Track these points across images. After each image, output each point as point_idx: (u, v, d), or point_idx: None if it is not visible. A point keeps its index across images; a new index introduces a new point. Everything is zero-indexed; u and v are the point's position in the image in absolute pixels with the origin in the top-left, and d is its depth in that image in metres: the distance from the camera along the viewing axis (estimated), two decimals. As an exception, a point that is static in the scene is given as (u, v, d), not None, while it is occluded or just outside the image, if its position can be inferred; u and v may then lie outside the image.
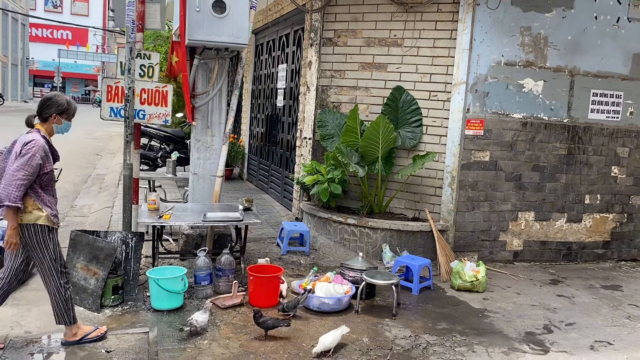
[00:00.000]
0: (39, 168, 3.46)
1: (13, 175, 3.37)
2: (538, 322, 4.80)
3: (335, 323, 4.46)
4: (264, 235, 6.79)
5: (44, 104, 3.63)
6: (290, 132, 8.43)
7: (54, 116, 3.65)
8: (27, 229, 3.54)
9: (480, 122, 6.20)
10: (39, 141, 3.50)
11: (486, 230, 6.43)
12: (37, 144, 3.46)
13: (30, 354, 3.70)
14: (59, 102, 3.66)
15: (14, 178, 3.36)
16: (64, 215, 7.57)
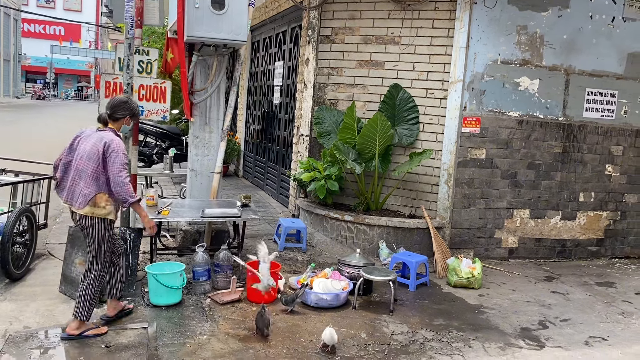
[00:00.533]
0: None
1: (118, 177, 3.69)
2: (533, 318, 4.85)
3: (333, 319, 4.49)
4: (261, 231, 6.81)
5: (119, 106, 3.87)
6: (286, 129, 8.45)
7: (127, 118, 3.94)
8: (97, 222, 3.80)
9: (476, 120, 6.25)
10: (121, 141, 3.84)
11: (482, 227, 6.48)
12: (122, 144, 3.82)
13: (30, 348, 3.70)
14: (132, 106, 3.98)
15: (122, 180, 3.70)
16: (60, 211, 7.55)
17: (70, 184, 3.76)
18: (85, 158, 3.72)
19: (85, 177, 3.71)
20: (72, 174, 3.76)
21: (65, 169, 3.82)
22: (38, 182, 5.53)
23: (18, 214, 4.75)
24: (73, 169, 3.76)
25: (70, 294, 4.55)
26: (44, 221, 5.65)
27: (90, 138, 3.79)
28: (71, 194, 3.76)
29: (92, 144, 3.73)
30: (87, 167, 3.70)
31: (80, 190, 3.72)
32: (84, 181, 3.72)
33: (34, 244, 5.13)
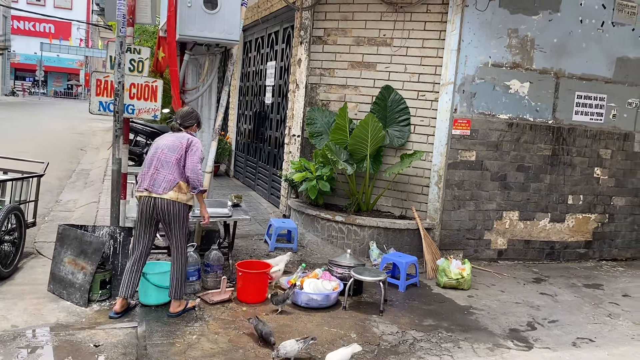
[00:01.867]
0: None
1: (196, 166, 4.21)
2: (522, 319, 4.89)
3: (323, 319, 4.50)
4: (252, 231, 6.81)
5: (188, 116, 4.44)
6: (278, 129, 8.45)
7: (195, 126, 4.50)
8: (181, 207, 4.23)
9: (467, 122, 6.29)
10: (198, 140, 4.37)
11: (471, 229, 6.52)
12: (200, 143, 4.35)
13: (18, 347, 3.67)
14: (198, 116, 4.56)
15: (197, 169, 4.23)
16: (48, 209, 7.51)
17: (152, 172, 4.18)
18: (167, 150, 4.21)
19: (167, 166, 4.17)
20: (155, 164, 4.20)
21: (149, 164, 4.23)
22: (27, 181, 5.49)
23: (6, 212, 4.71)
24: (155, 161, 4.21)
25: (59, 293, 4.53)
26: (33, 219, 5.60)
27: (170, 136, 4.33)
28: (153, 181, 4.16)
29: (174, 140, 4.27)
30: (169, 157, 4.19)
31: (164, 177, 4.16)
32: (166, 169, 4.17)
33: (22, 242, 5.09)
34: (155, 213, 4.24)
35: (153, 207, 4.21)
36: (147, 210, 4.23)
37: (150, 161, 4.27)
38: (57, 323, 4.08)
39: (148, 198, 4.21)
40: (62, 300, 4.48)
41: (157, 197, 4.18)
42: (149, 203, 4.21)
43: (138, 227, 4.33)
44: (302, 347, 3.64)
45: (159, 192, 4.16)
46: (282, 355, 3.59)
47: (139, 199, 4.28)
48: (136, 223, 4.35)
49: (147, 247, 4.36)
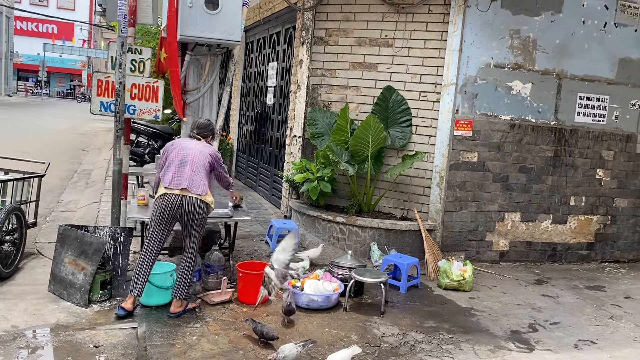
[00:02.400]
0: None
1: (227, 176, 4.77)
2: (523, 321, 4.87)
3: (323, 320, 4.49)
4: (253, 232, 6.79)
5: (205, 128, 4.66)
6: (280, 130, 8.44)
7: (210, 138, 4.73)
8: (208, 210, 4.42)
9: (469, 123, 6.27)
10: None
11: (473, 230, 6.50)
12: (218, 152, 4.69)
13: (18, 348, 3.66)
14: (214, 129, 4.85)
15: (228, 178, 4.80)
16: (50, 210, 7.51)
17: (189, 173, 4.29)
18: (199, 154, 4.39)
19: (202, 170, 4.35)
20: (190, 165, 4.32)
21: (181, 164, 4.32)
22: (28, 181, 5.48)
23: (7, 213, 4.70)
24: (190, 162, 4.32)
25: (59, 293, 4.52)
26: (34, 220, 5.60)
27: (194, 142, 4.51)
28: (192, 181, 4.27)
29: (202, 147, 4.48)
30: (203, 162, 4.39)
31: (201, 180, 4.31)
32: (202, 173, 4.34)
33: (23, 242, 5.09)
34: (180, 212, 4.25)
35: (180, 206, 4.23)
36: (172, 208, 4.23)
37: (182, 161, 4.31)
38: (57, 323, 4.07)
39: (180, 197, 4.23)
40: (63, 300, 4.47)
41: (191, 197, 4.24)
42: (178, 201, 4.23)
43: (155, 225, 4.30)
44: (301, 350, 3.62)
45: (198, 192, 4.26)
46: (280, 359, 3.57)
47: (164, 196, 4.25)
48: (153, 221, 4.31)
49: (160, 246, 4.37)
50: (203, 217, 4.39)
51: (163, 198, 4.29)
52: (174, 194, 4.26)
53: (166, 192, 4.28)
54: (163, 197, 4.29)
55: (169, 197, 4.26)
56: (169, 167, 4.36)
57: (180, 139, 4.60)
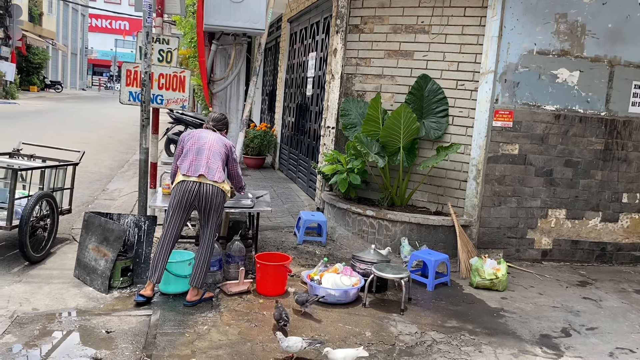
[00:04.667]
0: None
1: (239, 170, 4.72)
2: (556, 325, 4.55)
3: (339, 315, 4.36)
4: (282, 224, 6.74)
5: (220, 121, 4.69)
6: (317, 121, 8.34)
7: (225, 132, 4.76)
8: (225, 198, 4.43)
9: (509, 114, 5.92)
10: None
11: (513, 227, 6.15)
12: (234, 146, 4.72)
13: (33, 330, 3.77)
14: (228, 124, 4.85)
15: (240, 172, 4.75)
16: (93, 198, 7.76)
17: (206, 161, 4.31)
18: (217, 144, 4.42)
19: (218, 158, 4.37)
20: (207, 153, 4.34)
21: (198, 152, 4.34)
22: (63, 169, 5.65)
23: (37, 199, 4.87)
24: (207, 150, 4.35)
25: (83, 279, 4.64)
26: (68, 207, 5.78)
27: (211, 133, 4.52)
28: (208, 168, 4.29)
29: (218, 138, 4.49)
30: (220, 151, 4.41)
31: (218, 167, 4.33)
32: (218, 161, 4.36)
33: (55, 228, 5.26)
34: (197, 200, 4.27)
35: (197, 193, 4.25)
36: (190, 196, 4.25)
37: (200, 149, 4.34)
38: (76, 308, 4.17)
39: (197, 184, 4.24)
40: (85, 285, 4.58)
41: (209, 184, 4.25)
42: (195, 188, 4.24)
43: (173, 212, 4.32)
44: (306, 347, 3.53)
45: (214, 179, 4.27)
46: (283, 348, 3.50)
47: (182, 184, 4.28)
48: (171, 209, 4.34)
49: (178, 233, 4.39)
50: (220, 205, 4.39)
51: (181, 185, 4.30)
52: (192, 181, 4.27)
53: (184, 179, 4.29)
54: (181, 185, 4.30)
55: (187, 184, 4.27)
56: (187, 156, 4.37)
57: (197, 130, 4.60)
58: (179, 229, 4.39)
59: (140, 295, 4.29)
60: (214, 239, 4.48)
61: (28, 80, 34.94)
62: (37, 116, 19.06)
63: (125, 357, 3.50)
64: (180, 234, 4.49)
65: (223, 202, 4.42)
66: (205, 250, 4.42)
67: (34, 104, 25.40)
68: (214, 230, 4.44)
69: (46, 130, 14.90)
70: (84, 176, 9.18)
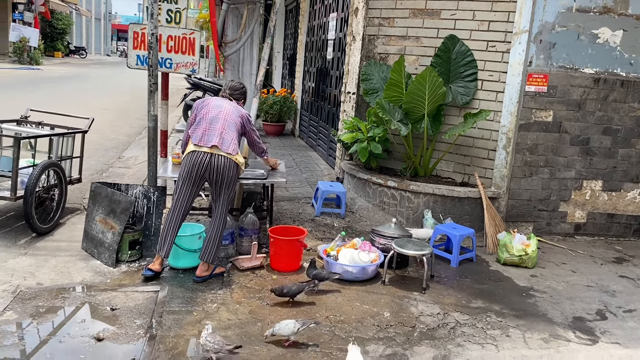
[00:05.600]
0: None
1: (260, 141, 4.56)
2: (591, 306, 4.22)
3: (357, 293, 4.11)
4: (300, 194, 6.47)
5: (238, 91, 4.43)
6: (337, 86, 7.96)
7: (242, 102, 4.49)
8: (238, 170, 4.19)
9: (543, 77, 5.48)
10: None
11: (544, 199, 5.78)
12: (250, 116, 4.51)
13: (35, 306, 3.61)
14: (246, 94, 4.56)
15: (262, 144, 4.59)
16: (108, 166, 7.60)
17: (220, 131, 4.06)
18: (233, 114, 4.18)
19: (233, 129, 4.14)
20: (222, 123, 4.10)
21: (212, 121, 4.10)
22: (72, 137, 5.45)
23: (42, 168, 4.67)
24: (222, 120, 4.10)
25: (90, 252, 4.47)
26: (78, 176, 5.60)
27: (226, 102, 4.27)
28: (222, 139, 4.05)
29: (233, 107, 4.24)
30: (235, 121, 4.17)
31: (232, 139, 4.10)
32: (233, 132, 4.13)
33: (63, 199, 5.08)
34: (209, 172, 4.03)
35: (209, 165, 4.01)
36: (201, 167, 4.01)
37: (213, 118, 4.10)
38: (81, 283, 4.00)
39: (209, 155, 4.00)
40: (93, 259, 4.41)
41: (221, 155, 4.01)
42: (207, 160, 4.00)
43: (182, 184, 4.09)
44: (300, 328, 3.28)
45: (228, 150, 4.04)
46: (276, 333, 3.27)
47: (192, 154, 4.03)
48: (180, 180, 4.11)
49: (188, 206, 4.17)
50: (233, 178, 4.13)
51: (192, 156, 4.05)
52: (203, 152, 4.02)
53: (195, 149, 4.04)
54: (192, 155, 4.05)
55: (198, 155, 4.02)
56: (199, 124, 4.11)
57: (213, 97, 4.33)
58: (189, 201, 4.16)
59: (149, 270, 4.10)
60: (227, 213, 4.25)
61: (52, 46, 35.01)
62: (59, 82, 19.02)
63: (128, 337, 3.31)
64: (191, 206, 4.27)
65: (236, 175, 4.17)
66: (217, 225, 4.19)
67: (57, 70, 25.43)
68: (226, 203, 4.20)
69: (67, 96, 14.81)
70: (101, 143, 9.04)
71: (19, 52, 26.13)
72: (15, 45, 26.32)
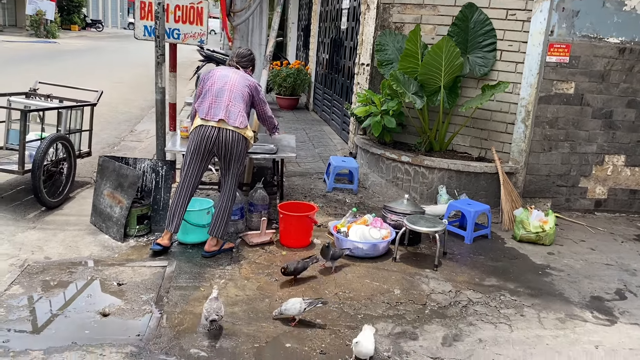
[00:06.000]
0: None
1: (270, 112, 4.34)
2: (610, 286, 4.08)
3: (367, 270, 4.03)
4: (312, 170, 6.36)
5: (246, 58, 4.23)
6: (351, 58, 7.76)
7: (250, 69, 4.29)
8: (247, 144, 4.06)
9: (565, 47, 5.24)
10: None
11: (564, 174, 5.59)
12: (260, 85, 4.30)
13: (42, 280, 3.59)
14: (254, 61, 4.35)
15: (271, 115, 4.36)
16: (120, 139, 7.56)
17: (226, 104, 3.93)
18: (239, 85, 4.01)
19: (241, 100, 3.99)
20: (228, 95, 3.95)
21: (218, 93, 3.96)
22: (81, 110, 5.38)
23: (50, 142, 4.61)
24: (227, 92, 3.95)
25: (99, 226, 4.43)
26: (88, 149, 5.55)
27: (233, 71, 4.10)
28: (229, 112, 3.92)
29: (240, 76, 4.06)
30: (242, 92, 4.01)
31: (239, 111, 3.96)
32: (240, 104, 3.98)
33: (72, 172, 5.04)
34: (217, 147, 3.94)
35: (217, 140, 3.91)
36: (208, 142, 3.92)
37: (220, 90, 3.96)
38: (89, 257, 3.97)
39: (216, 129, 3.90)
40: (101, 233, 4.37)
41: (229, 130, 3.90)
42: (214, 135, 3.90)
43: (190, 159, 4.01)
44: (307, 307, 3.20)
45: (235, 124, 3.91)
46: (283, 312, 3.20)
47: (200, 128, 3.93)
48: (188, 155, 4.02)
49: (197, 181, 4.09)
50: (241, 152, 4.02)
51: (199, 130, 3.95)
52: (211, 126, 3.91)
53: (202, 123, 3.94)
54: (199, 130, 3.95)
55: (205, 129, 3.92)
56: (205, 97, 3.99)
57: (219, 68, 4.18)
58: (198, 176, 4.08)
59: (157, 244, 4.06)
60: (236, 188, 4.16)
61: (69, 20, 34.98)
62: (75, 55, 19.00)
63: (134, 312, 3.28)
64: (200, 181, 4.18)
65: (245, 149, 4.06)
66: (225, 200, 4.11)
67: (74, 43, 25.43)
68: (235, 178, 4.11)
69: (83, 69, 14.79)
70: (113, 117, 9.00)
71: (35, 25, 26.16)
72: (32, 19, 26.34)
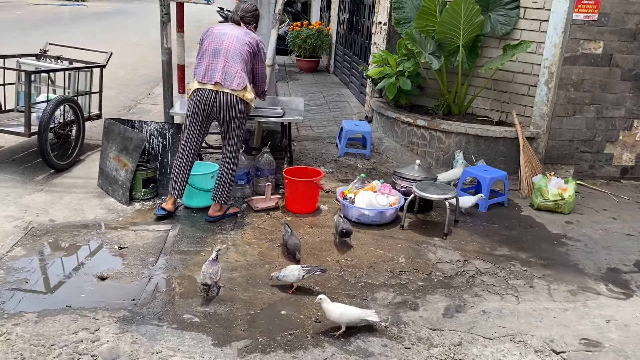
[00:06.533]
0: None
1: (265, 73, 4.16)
2: (629, 257, 3.89)
3: (373, 238, 3.92)
4: (325, 134, 6.21)
5: (250, 14, 4.03)
6: (370, 16, 7.47)
7: (254, 25, 4.10)
8: (246, 106, 3.93)
9: (594, 3, 4.90)
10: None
11: (588, 140, 5.32)
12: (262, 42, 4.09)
13: (44, 243, 3.60)
14: (259, 17, 4.16)
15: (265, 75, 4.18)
16: (136, 102, 7.52)
17: (223, 64, 3.78)
18: (237, 43, 3.83)
19: (239, 60, 3.81)
20: (224, 55, 3.79)
21: (214, 54, 3.82)
22: (89, 71, 5.32)
23: (56, 104, 4.57)
24: (224, 50, 3.80)
25: (105, 189, 4.42)
26: (98, 112, 5.51)
27: (233, 28, 3.92)
28: (225, 74, 3.78)
29: (240, 33, 3.88)
30: (240, 50, 3.83)
31: (236, 72, 3.79)
32: (238, 64, 3.80)
33: (81, 135, 5.01)
34: (215, 111, 3.84)
35: (214, 103, 3.80)
36: (206, 106, 3.82)
37: (216, 50, 3.82)
38: (94, 220, 3.96)
39: (213, 92, 3.78)
40: (107, 196, 4.36)
41: (226, 93, 3.77)
42: (211, 98, 3.79)
43: (190, 123, 3.91)
44: (305, 275, 3.11)
45: (232, 87, 3.78)
46: (281, 278, 3.12)
47: (197, 92, 3.83)
48: (188, 119, 3.92)
49: (198, 145, 4.01)
50: (241, 116, 3.90)
51: (196, 94, 3.85)
52: (208, 90, 3.80)
53: (199, 87, 3.84)
54: (196, 93, 3.85)
55: (203, 92, 3.81)
56: (202, 58, 3.87)
57: (217, 26, 4.02)
58: (199, 140, 3.99)
59: (162, 209, 4.02)
60: (237, 152, 4.06)
61: (97, -18, 34.84)
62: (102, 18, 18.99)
63: (132, 277, 3.26)
64: (201, 145, 4.11)
65: (245, 112, 3.94)
66: (227, 164, 4.02)
67: (102, 6, 25.39)
68: (236, 142, 4.01)
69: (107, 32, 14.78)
70: (131, 79, 8.97)
71: (63, -13, 26.16)
72: (60, -19, 26.34)
